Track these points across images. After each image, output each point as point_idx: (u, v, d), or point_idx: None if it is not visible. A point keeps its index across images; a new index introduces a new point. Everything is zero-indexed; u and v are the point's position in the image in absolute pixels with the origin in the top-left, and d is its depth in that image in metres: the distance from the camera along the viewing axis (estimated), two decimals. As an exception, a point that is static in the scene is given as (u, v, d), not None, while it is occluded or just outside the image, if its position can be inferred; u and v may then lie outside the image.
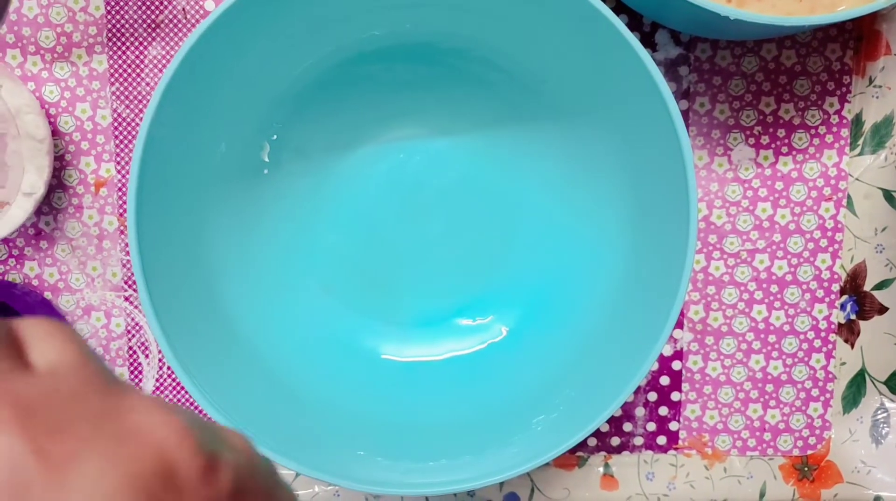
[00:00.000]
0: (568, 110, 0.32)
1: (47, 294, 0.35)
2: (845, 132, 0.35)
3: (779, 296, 0.35)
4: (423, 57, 0.32)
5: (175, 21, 0.34)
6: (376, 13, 0.30)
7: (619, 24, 0.26)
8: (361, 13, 0.30)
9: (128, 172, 0.34)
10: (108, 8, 0.34)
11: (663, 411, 0.36)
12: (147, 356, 0.36)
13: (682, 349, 0.36)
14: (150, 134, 0.27)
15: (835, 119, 0.35)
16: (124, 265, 0.35)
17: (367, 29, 0.31)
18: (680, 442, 0.36)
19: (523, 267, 0.34)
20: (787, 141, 0.35)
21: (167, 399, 0.36)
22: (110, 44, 0.34)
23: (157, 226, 0.28)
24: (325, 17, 0.30)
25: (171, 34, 0.34)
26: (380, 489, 0.28)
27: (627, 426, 0.36)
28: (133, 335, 0.36)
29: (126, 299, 0.35)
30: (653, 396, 0.36)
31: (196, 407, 0.36)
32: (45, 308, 0.35)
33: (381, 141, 0.34)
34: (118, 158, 0.35)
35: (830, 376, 0.36)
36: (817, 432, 0.36)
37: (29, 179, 0.32)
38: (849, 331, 0.36)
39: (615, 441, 0.36)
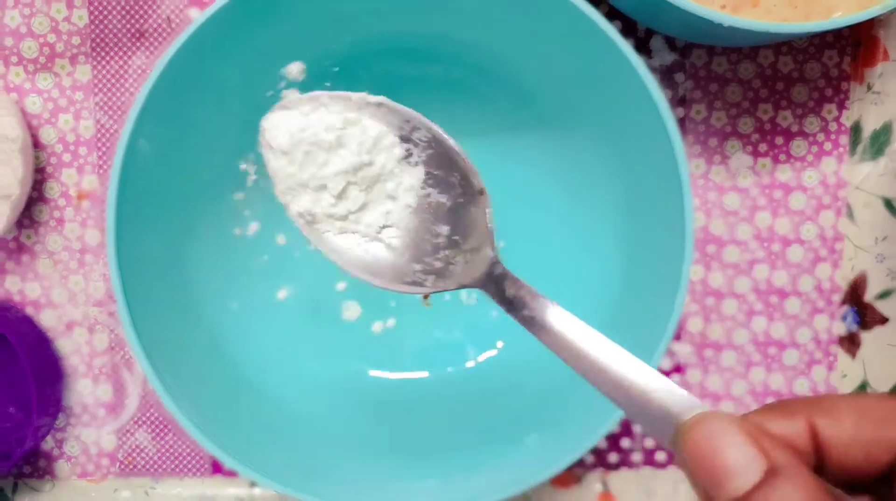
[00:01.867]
0: (561, 119, 0.31)
1: (29, 309, 0.35)
2: (844, 139, 0.34)
3: (779, 307, 0.35)
4: (413, 63, 0.32)
5: (159, 30, 0.33)
6: (364, 21, 0.30)
7: (611, 30, 0.26)
8: (348, 19, 0.29)
9: (111, 185, 0.34)
10: (92, 17, 0.33)
11: (662, 426, 0.35)
12: (131, 373, 0.35)
13: (680, 362, 0.35)
14: (131, 145, 0.26)
15: (833, 126, 0.34)
16: (107, 280, 0.34)
17: (355, 35, 0.30)
18: (679, 458, 0.35)
19: (517, 279, 0.33)
20: (785, 149, 0.34)
21: (150, 417, 0.35)
22: (94, 54, 0.33)
23: (138, 239, 0.28)
24: (311, 24, 0.29)
25: (156, 43, 0.33)
26: (369, 510, 0.27)
27: (626, 442, 0.35)
28: (117, 351, 0.35)
29: (109, 314, 0.35)
30: (651, 410, 0.35)
31: (178, 426, 0.35)
32: (27, 325, 0.34)
33: (371, 151, 0.33)
34: (100, 171, 0.34)
35: (832, 388, 0.35)
36: (820, 446, 0.35)
37: (4, 181, 0.31)
38: (850, 342, 0.35)
39: (613, 457, 0.35)
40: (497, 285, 0.21)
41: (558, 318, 0.20)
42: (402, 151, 0.21)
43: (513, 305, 0.20)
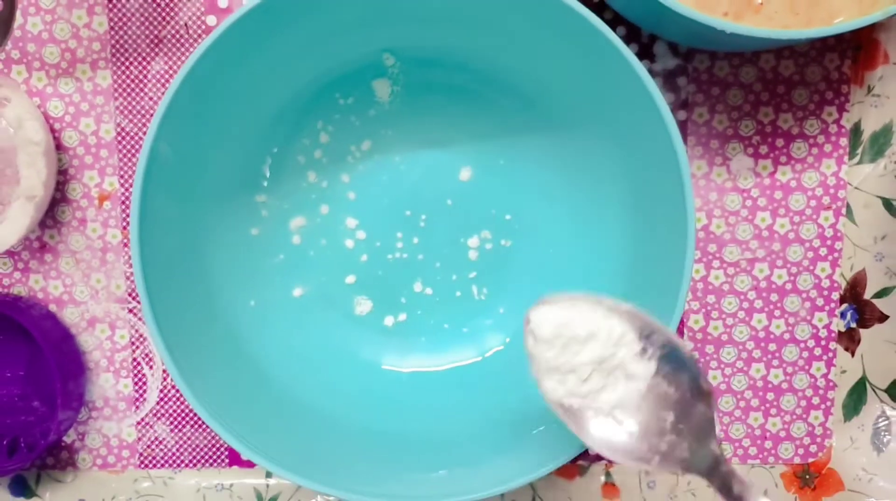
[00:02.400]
0: (566, 123, 0.32)
1: (52, 307, 0.36)
2: (844, 141, 0.35)
3: (779, 305, 0.35)
4: (423, 71, 0.32)
5: (178, 36, 0.34)
6: (376, 29, 0.30)
7: (613, 36, 0.27)
8: (362, 29, 0.30)
9: (131, 186, 0.35)
10: (112, 24, 0.34)
11: (664, 420, 0.36)
12: (151, 368, 0.36)
13: (682, 357, 0.36)
14: (153, 149, 0.27)
15: (833, 128, 0.35)
16: (128, 278, 0.35)
17: (367, 44, 0.31)
18: (681, 451, 0.36)
19: (524, 277, 0.34)
20: (785, 150, 0.35)
21: (169, 410, 0.36)
22: (114, 59, 0.34)
23: (160, 239, 0.29)
24: (327, 33, 0.30)
25: (174, 49, 0.34)
26: None
27: (628, 435, 0.36)
28: (137, 347, 0.36)
29: (130, 310, 0.36)
30: (654, 405, 0.36)
31: (197, 418, 0.36)
32: (50, 321, 0.35)
33: (382, 153, 0.34)
34: (121, 172, 0.35)
35: (831, 384, 0.36)
36: (818, 440, 0.36)
37: (28, 182, 0.32)
38: (849, 339, 0.36)
39: (616, 449, 0.36)
40: (723, 481, 0.24)
41: None
42: (639, 347, 0.25)
43: (735, 498, 0.23)
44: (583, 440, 0.25)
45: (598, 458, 0.36)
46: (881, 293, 0.35)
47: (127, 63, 0.34)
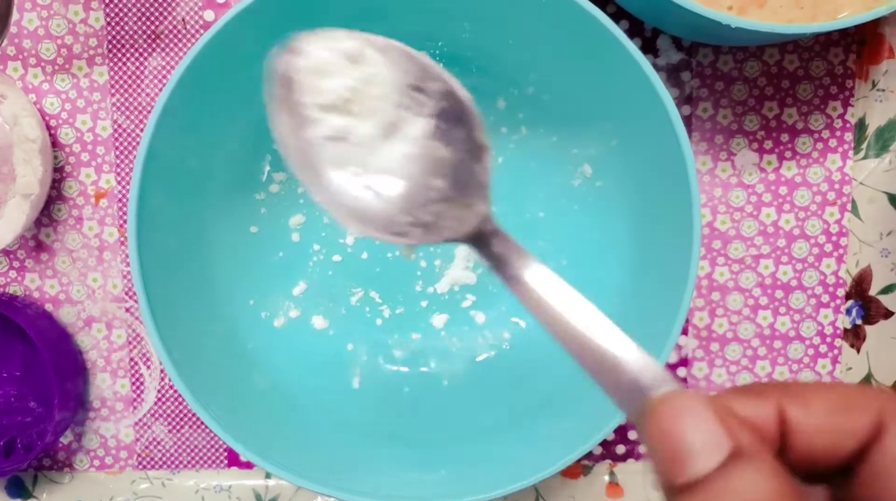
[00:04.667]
0: (570, 118, 0.32)
1: (48, 306, 0.35)
2: (849, 136, 0.34)
3: (784, 302, 0.35)
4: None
5: (175, 32, 0.34)
6: (375, 22, 0.30)
7: (617, 31, 0.26)
8: (361, 22, 0.30)
9: (128, 184, 0.34)
10: (108, 19, 0.34)
11: (668, 418, 0.36)
12: (149, 368, 0.36)
13: (687, 356, 0.35)
14: (151, 146, 0.27)
15: (838, 123, 0.34)
16: (125, 277, 0.35)
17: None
18: (685, 450, 0.36)
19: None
20: (790, 146, 0.34)
21: (167, 411, 0.36)
22: (110, 55, 0.34)
23: (157, 237, 0.28)
24: (326, 26, 0.30)
25: (171, 45, 0.34)
26: (382, 501, 0.28)
27: (633, 434, 0.36)
28: (134, 346, 0.36)
29: (127, 310, 0.35)
30: (658, 403, 0.36)
31: (196, 419, 0.36)
32: (46, 321, 0.35)
33: (382, 150, 0.33)
34: (118, 170, 0.35)
35: (837, 381, 0.36)
36: (824, 438, 0.36)
37: (24, 180, 0.32)
38: (854, 336, 0.35)
39: (620, 449, 0.36)
40: (485, 240, 0.20)
41: (540, 277, 0.18)
42: (411, 98, 0.21)
43: (499, 262, 0.19)
44: (329, 212, 0.21)
45: (603, 457, 0.36)
46: (887, 290, 0.35)
47: (124, 59, 0.34)
